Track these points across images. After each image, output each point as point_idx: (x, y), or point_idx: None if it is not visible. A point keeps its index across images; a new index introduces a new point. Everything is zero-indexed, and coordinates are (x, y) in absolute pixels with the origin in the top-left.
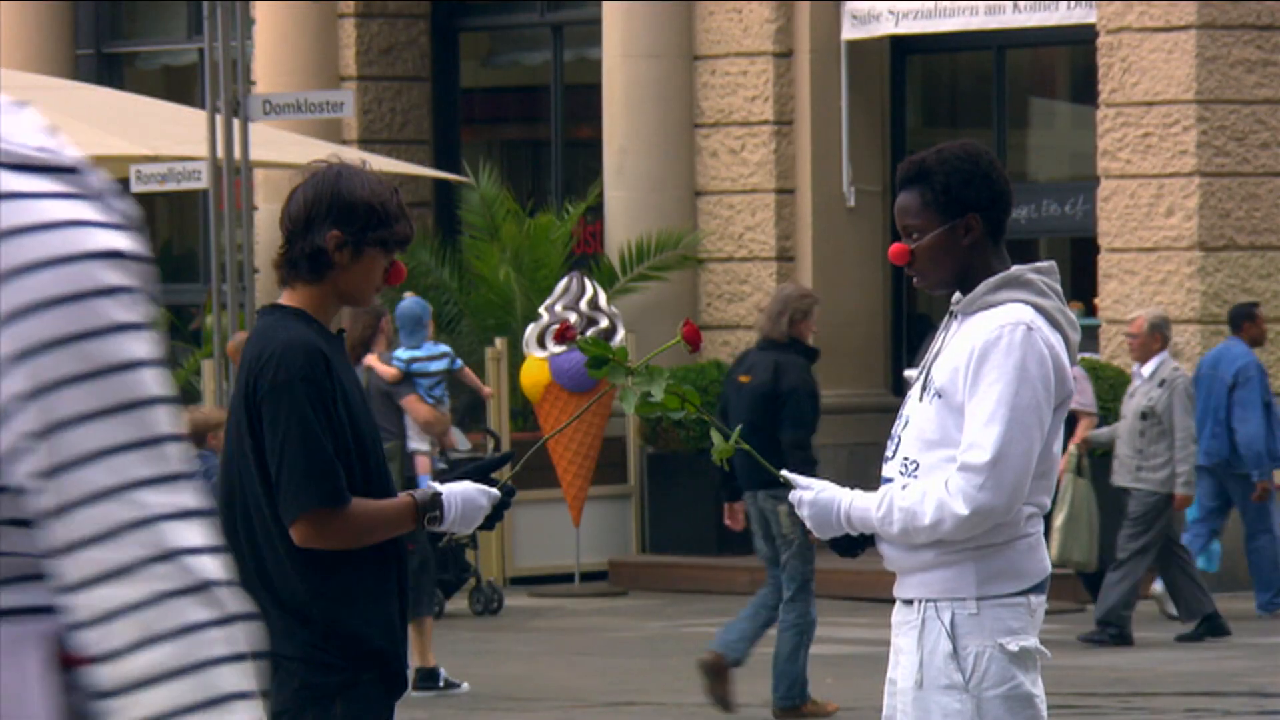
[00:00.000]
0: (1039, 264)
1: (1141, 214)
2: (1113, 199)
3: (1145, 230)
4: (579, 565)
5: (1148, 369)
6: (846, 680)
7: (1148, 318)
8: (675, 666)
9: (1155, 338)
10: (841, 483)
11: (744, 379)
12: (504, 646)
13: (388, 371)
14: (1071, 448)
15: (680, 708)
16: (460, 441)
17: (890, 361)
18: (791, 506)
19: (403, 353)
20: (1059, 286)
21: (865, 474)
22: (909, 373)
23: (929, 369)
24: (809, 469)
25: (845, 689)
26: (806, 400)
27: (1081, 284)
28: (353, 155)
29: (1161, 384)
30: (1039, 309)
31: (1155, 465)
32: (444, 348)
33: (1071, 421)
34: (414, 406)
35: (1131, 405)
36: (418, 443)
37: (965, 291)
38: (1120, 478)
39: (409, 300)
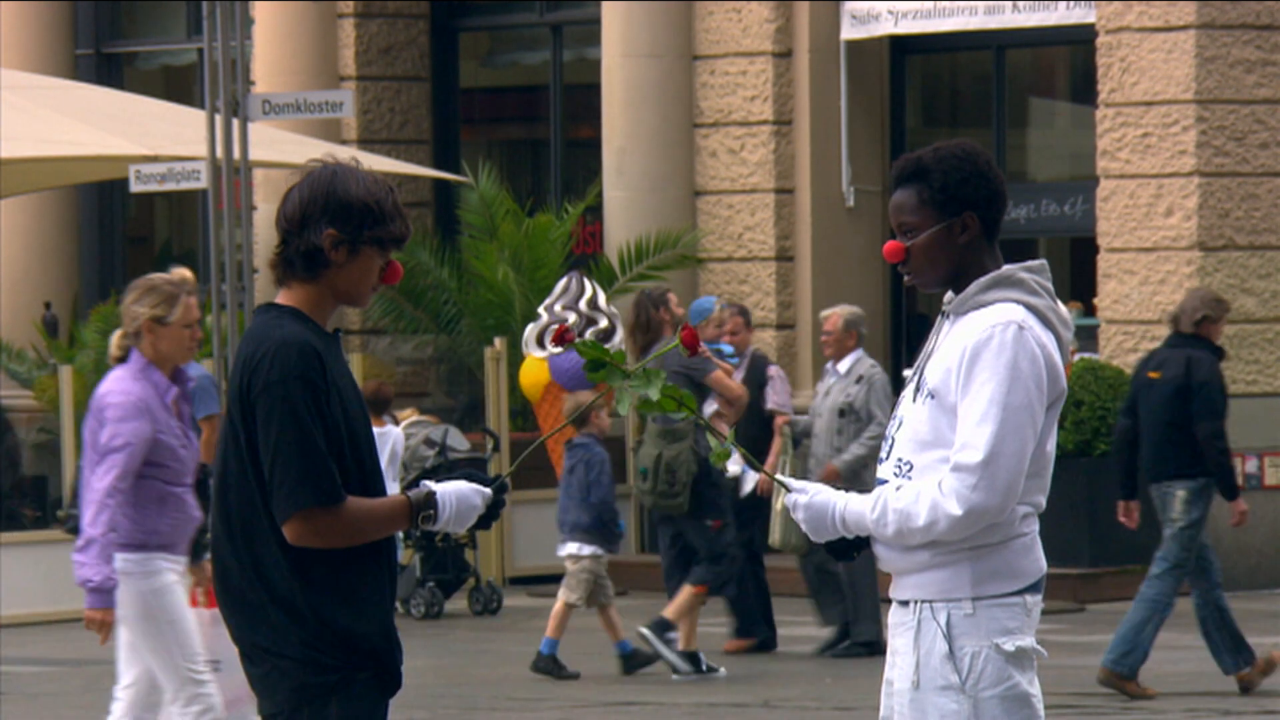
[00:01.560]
0: (1030, 263)
1: (1141, 214)
2: (1112, 199)
3: (1144, 230)
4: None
5: (844, 366)
6: (846, 680)
7: (843, 315)
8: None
9: (850, 335)
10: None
11: (1154, 375)
12: (503, 646)
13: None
14: (784, 427)
15: (680, 708)
16: (459, 441)
17: (889, 361)
18: (1187, 492)
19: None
20: (1050, 285)
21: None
22: (909, 373)
23: (921, 369)
24: (1225, 459)
25: (844, 689)
26: (1218, 393)
27: (1081, 284)
28: (347, 155)
29: (859, 380)
30: (1030, 308)
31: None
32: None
33: (768, 422)
34: (723, 382)
35: (828, 403)
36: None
37: (958, 291)
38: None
39: (704, 298)
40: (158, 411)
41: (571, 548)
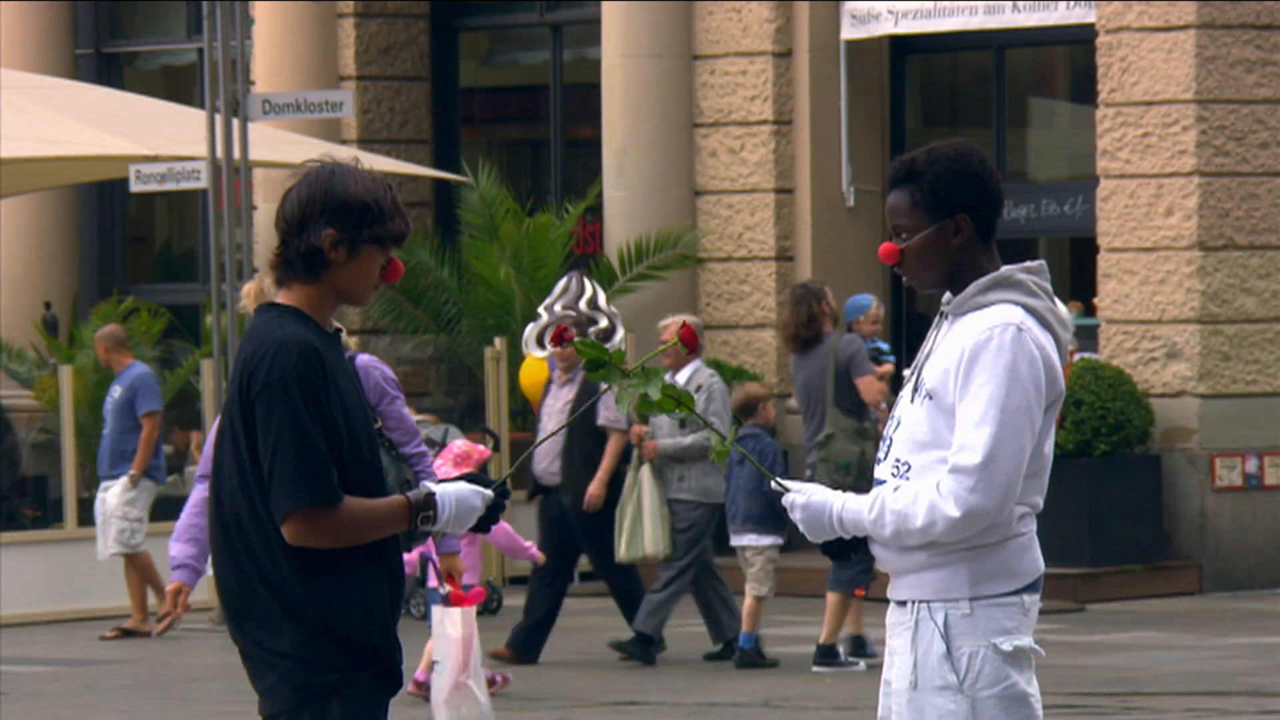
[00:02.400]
0: (1028, 264)
1: (1141, 214)
2: (1112, 199)
3: (1144, 230)
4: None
5: (682, 376)
6: (846, 680)
7: (687, 325)
8: (675, 667)
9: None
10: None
11: None
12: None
13: (881, 373)
14: (640, 431)
15: (680, 708)
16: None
17: None
18: None
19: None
20: (1049, 286)
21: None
22: (907, 374)
23: (920, 370)
24: None
25: (844, 688)
26: None
27: (1081, 284)
28: (346, 154)
29: (698, 390)
30: (1029, 309)
31: (697, 474)
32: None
33: (603, 436)
34: (865, 386)
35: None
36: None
37: (955, 292)
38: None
39: (861, 295)
40: None
41: (749, 539)
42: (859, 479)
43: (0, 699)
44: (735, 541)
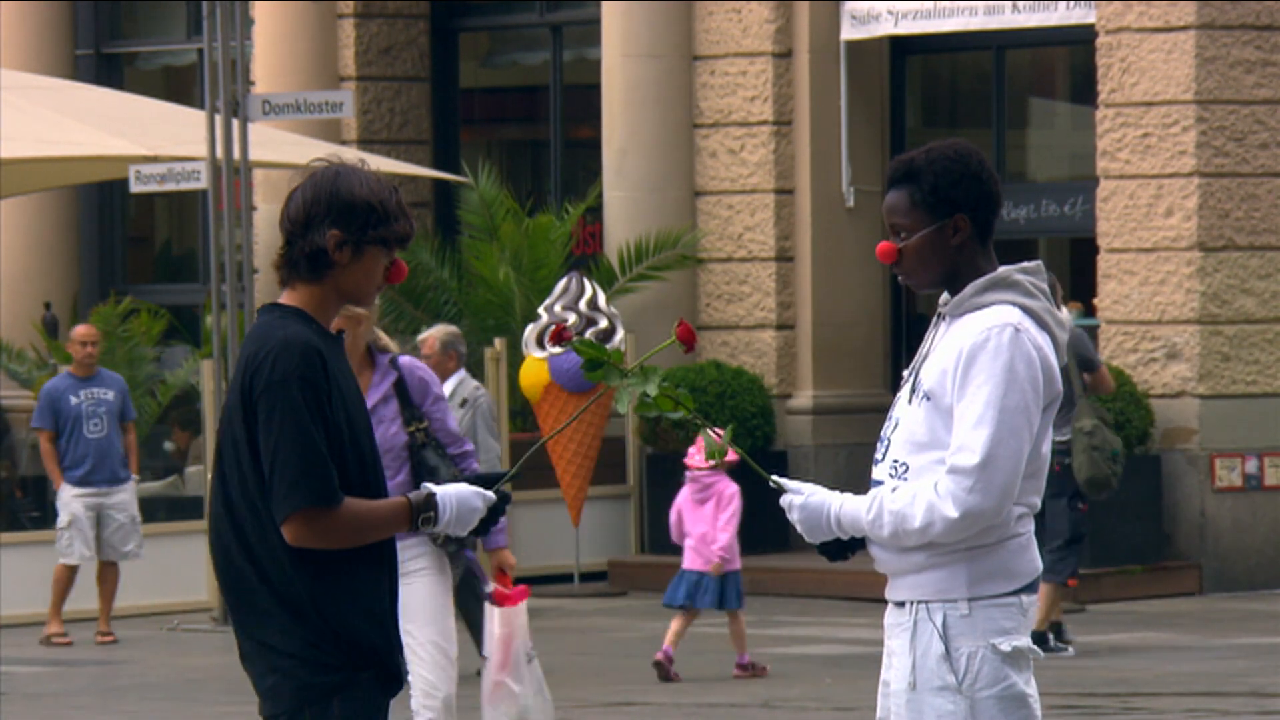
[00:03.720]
0: (1026, 264)
1: (1141, 214)
2: (1112, 199)
3: (1144, 230)
4: (578, 565)
5: (446, 389)
6: (845, 680)
7: (439, 337)
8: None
9: (450, 356)
10: (840, 484)
11: None
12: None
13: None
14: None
15: (680, 708)
16: None
17: (889, 362)
18: None
19: None
20: (1046, 286)
21: (864, 474)
22: (905, 374)
23: (917, 371)
24: None
25: (844, 689)
26: None
27: (1081, 284)
28: (352, 155)
29: (463, 404)
30: (1026, 310)
31: None
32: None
33: None
34: (1101, 380)
35: None
36: None
37: (953, 292)
38: None
39: None
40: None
41: None
42: (1123, 464)
43: (0, 699)
44: None
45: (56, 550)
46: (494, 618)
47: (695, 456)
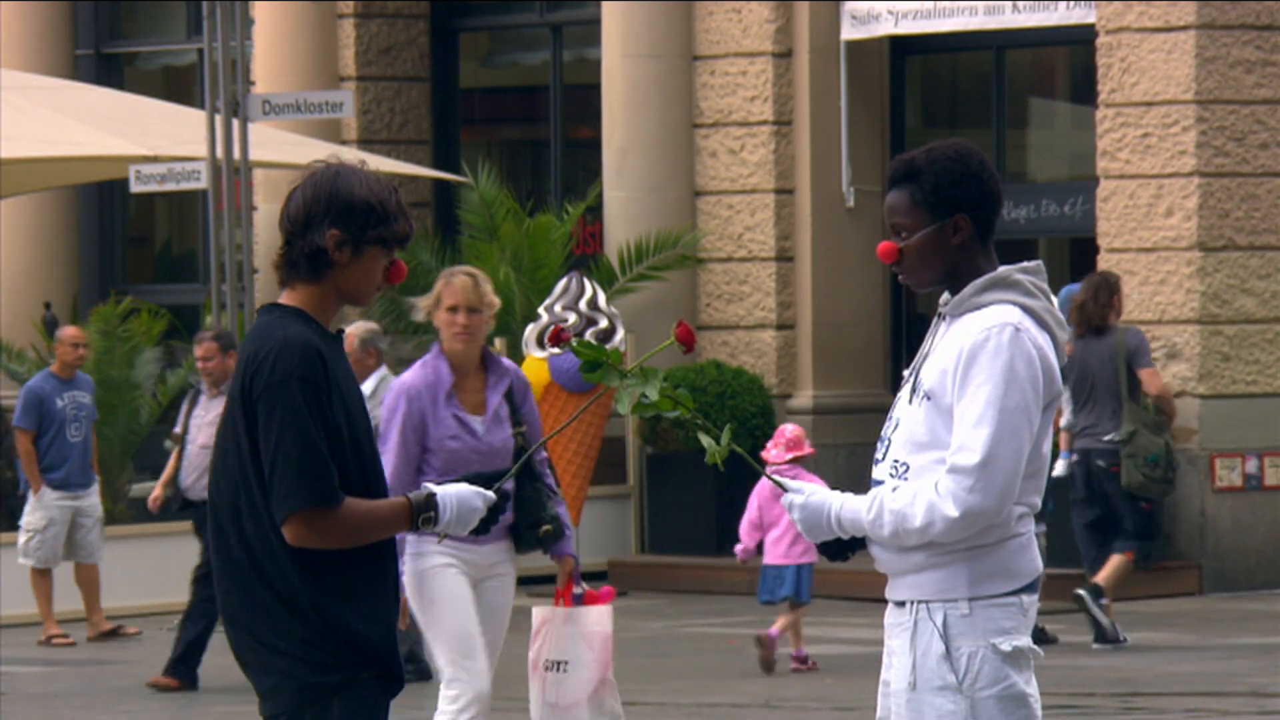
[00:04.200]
0: (1026, 264)
1: (1141, 214)
2: (1112, 199)
3: (1145, 230)
4: (578, 566)
5: (367, 387)
6: (846, 680)
7: (357, 334)
8: (675, 666)
9: (369, 354)
10: (841, 484)
11: None
12: (504, 647)
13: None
14: None
15: (680, 708)
16: None
17: (890, 361)
18: None
19: None
20: (1046, 286)
21: (864, 474)
22: (906, 374)
23: (918, 371)
24: None
25: (844, 689)
26: None
27: None
28: (351, 155)
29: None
30: (1026, 309)
31: None
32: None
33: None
34: (1150, 378)
35: None
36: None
37: (954, 291)
38: None
39: (1074, 285)
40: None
41: None
42: (1167, 470)
43: (0, 699)
44: None
45: (22, 553)
46: (591, 618)
47: (773, 450)
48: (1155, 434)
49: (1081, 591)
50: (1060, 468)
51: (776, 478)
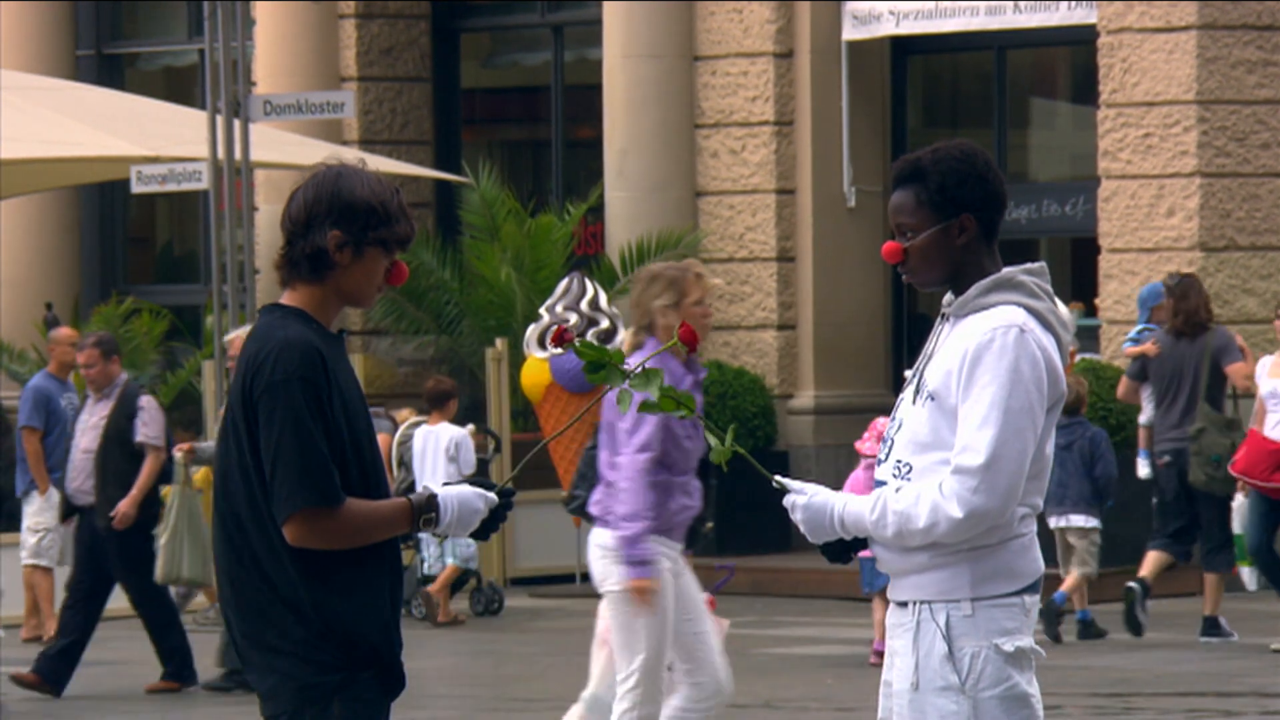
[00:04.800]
0: (1030, 265)
1: (1142, 214)
2: (1113, 199)
3: (1146, 231)
4: (579, 566)
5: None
6: (846, 680)
7: (245, 338)
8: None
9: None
10: (841, 484)
11: None
12: (504, 647)
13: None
14: (178, 454)
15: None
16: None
17: (890, 362)
18: None
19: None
20: (1050, 287)
21: None
22: (909, 375)
23: (921, 371)
24: None
25: (844, 689)
26: None
27: (1082, 284)
28: (352, 156)
29: None
30: (1031, 311)
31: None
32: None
33: (138, 454)
34: (1237, 372)
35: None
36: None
37: (958, 292)
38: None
39: (1156, 283)
40: None
41: (1078, 520)
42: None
43: (0, 699)
44: (1058, 523)
45: (33, 553)
46: (717, 622)
47: (867, 443)
48: (1222, 434)
49: (1206, 639)
50: (1142, 468)
51: (780, 479)
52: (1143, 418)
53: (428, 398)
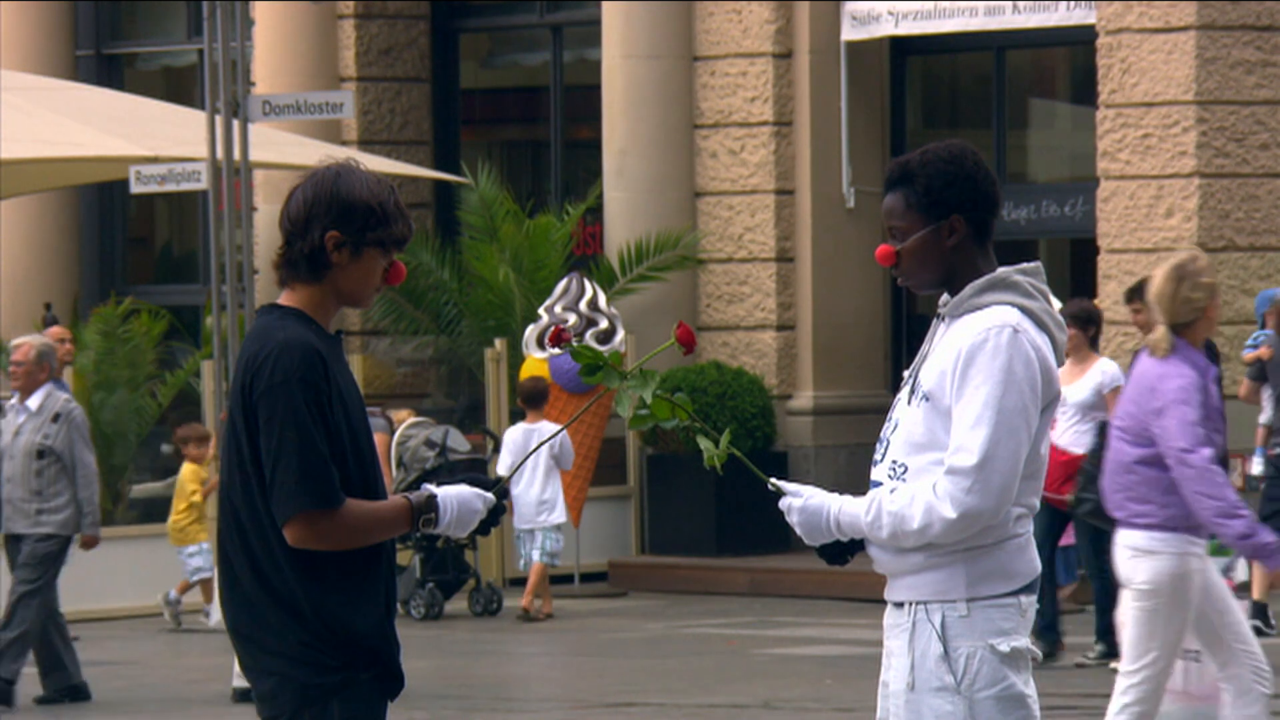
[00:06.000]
0: (1024, 265)
1: (1141, 215)
2: (1112, 200)
3: (1145, 231)
4: (579, 566)
5: (34, 402)
6: (845, 680)
7: (35, 346)
8: (675, 667)
9: (43, 368)
10: (841, 485)
11: None
12: (504, 647)
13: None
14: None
15: (680, 708)
16: (460, 442)
17: (890, 362)
18: None
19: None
20: (1045, 287)
21: (864, 475)
22: (905, 375)
23: (916, 372)
24: None
25: (844, 689)
26: None
27: (1081, 285)
28: (344, 156)
29: (56, 418)
30: (1025, 311)
31: (57, 506)
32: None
33: None
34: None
35: (21, 443)
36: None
37: (952, 293)
38: (15, 524)
39: (1273, 289)
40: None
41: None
42: None
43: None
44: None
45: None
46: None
47: None
48: None
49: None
50: (1256, 465)
51: (776, 482)
52: (1262, 417)
53: (525, 397)
